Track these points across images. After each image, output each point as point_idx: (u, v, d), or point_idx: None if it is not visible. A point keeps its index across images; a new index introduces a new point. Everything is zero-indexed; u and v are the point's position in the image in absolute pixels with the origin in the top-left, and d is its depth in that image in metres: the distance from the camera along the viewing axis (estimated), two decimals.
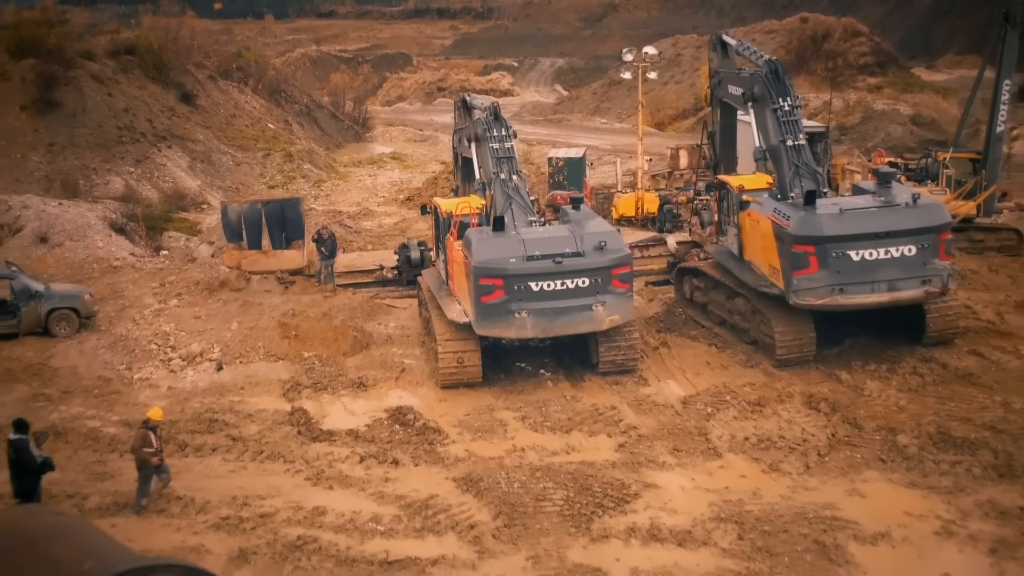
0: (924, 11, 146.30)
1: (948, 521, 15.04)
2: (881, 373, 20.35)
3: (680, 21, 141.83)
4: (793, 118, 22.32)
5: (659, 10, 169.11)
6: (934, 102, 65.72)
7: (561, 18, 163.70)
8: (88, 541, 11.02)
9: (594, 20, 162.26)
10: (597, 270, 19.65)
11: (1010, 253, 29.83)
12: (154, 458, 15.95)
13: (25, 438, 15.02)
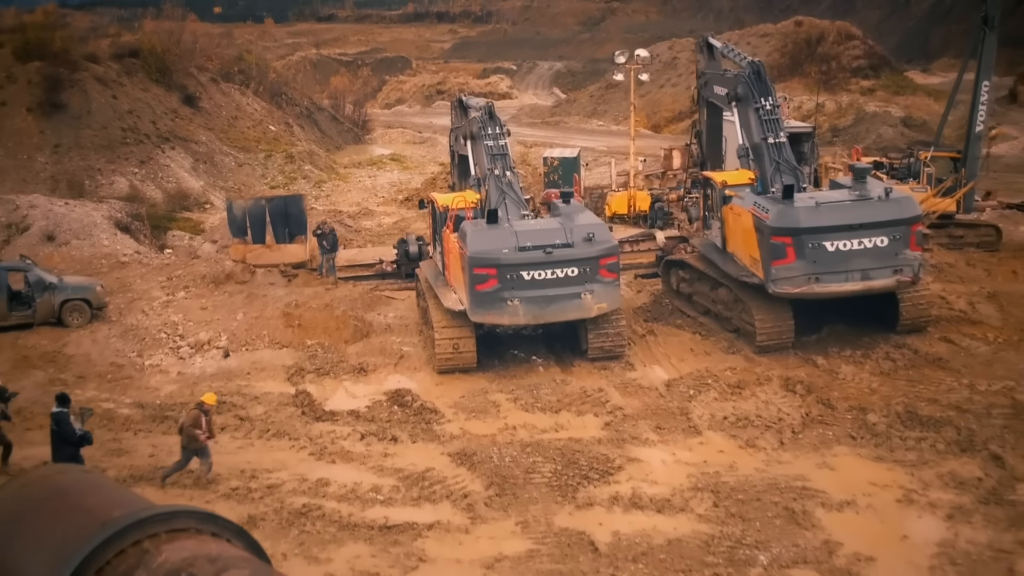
0: (921, 15, 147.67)
1: (910, 490, 16.17)
2: (856, 358, 21.52)
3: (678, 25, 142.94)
4: (774, 117, 23.47)
5: (657, 14, 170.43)
6: (926, 104, 66.92)
7: (559, 22, 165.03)
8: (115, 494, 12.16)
9: (592, 24, 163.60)
10: (585, 260, 20.82)
11: (989, 249, 30.97)
12: (202, 437, 16.98)
13: (66, 411, 16.21)
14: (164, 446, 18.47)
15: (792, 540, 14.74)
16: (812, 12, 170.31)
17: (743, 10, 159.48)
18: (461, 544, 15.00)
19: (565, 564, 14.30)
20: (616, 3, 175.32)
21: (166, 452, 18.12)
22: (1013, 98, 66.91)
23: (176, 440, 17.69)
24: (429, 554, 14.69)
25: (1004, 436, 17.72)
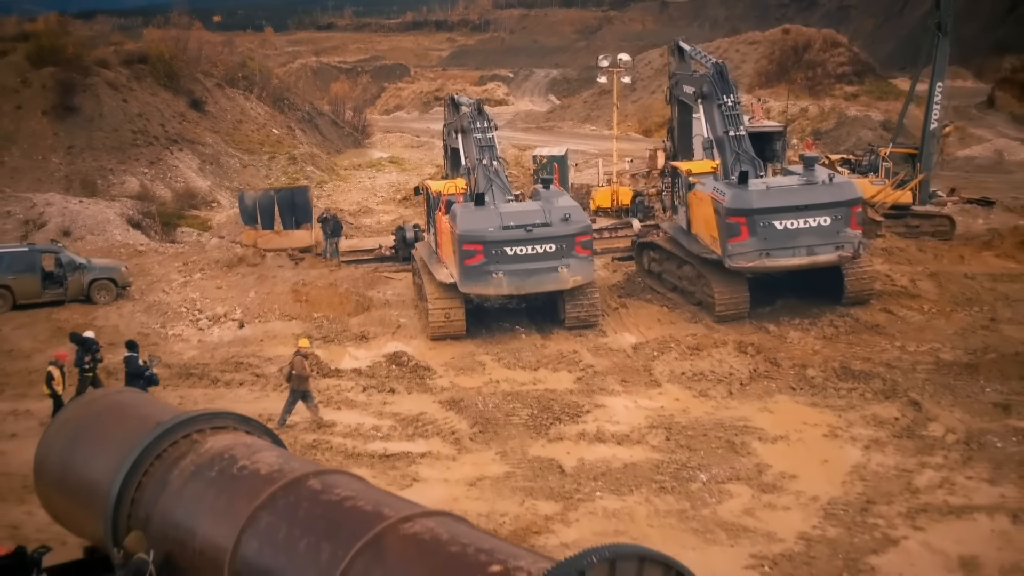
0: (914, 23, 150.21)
1: (836, 428, 19.01)
2: (803, 326, 24.40)
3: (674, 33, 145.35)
4: (735, 112, 26.35)
5: (654, 22, 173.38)
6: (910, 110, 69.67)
7: (557, 30, 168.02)
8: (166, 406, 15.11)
9: (589, 33, 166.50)
10: (562, 237, 23.70)
11: (943, 237, 33.84)
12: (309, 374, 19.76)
13: (135, 355, 19.27)
14: (190, 397, 21.29)
15: (729, 464, 17.56)
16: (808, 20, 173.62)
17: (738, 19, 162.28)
18: (448, 468, 17.81)
19: (536, 482, 17.11)
20: (613, 12, 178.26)
21: (191, 402, 20.90)
22: (991, 103, 69.83)
23: (200, 392, 20.50)
24: (421, 476, 17.51)
25: (924, 386, 20.58)
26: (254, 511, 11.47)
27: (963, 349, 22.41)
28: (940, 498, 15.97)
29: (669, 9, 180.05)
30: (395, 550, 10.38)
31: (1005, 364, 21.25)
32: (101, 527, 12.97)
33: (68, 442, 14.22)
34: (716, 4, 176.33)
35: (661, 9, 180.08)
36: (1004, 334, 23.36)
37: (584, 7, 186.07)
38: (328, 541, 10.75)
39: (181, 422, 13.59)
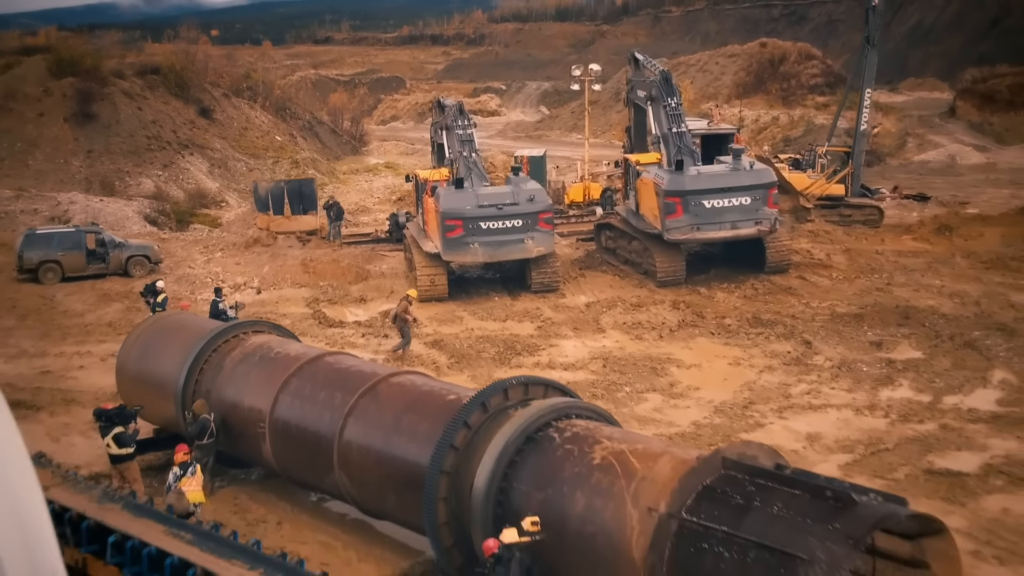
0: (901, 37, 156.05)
1: (739, 359, 24.23)
2: (729, 289, 29.68)
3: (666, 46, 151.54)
4: (677, 113, 31.65)
5: (646, 36, 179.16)
6: (873, 118, 75.06)
7: (550, 44, 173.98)
8: (215, 320, 20.33)
9: (582, 46, 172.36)
10: (527, 215, 28.97)
11: (872, 225, 39.08)
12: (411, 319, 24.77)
13: (218, 300, 24.58)
14: None
15: (649, 382, 22.78)
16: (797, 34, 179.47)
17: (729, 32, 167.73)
18: None
19: None
20: (606, 26, 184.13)
21: None
22: (952, 112, 75.24)
23: None
24: None
25: (817, 331, 25.82)
26: (287, 378, 16.78)
27: (856, 305, 27.68)
28: (805, 401, 21.19)
29: (661, 23, 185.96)
30: (385, 392, 15.66)
31: (886, 314, 26.52)
32: (171, 409, 18.25)
33: (143, 347, 19.51)
34: (707, 18, 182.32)
35: (654, 23, 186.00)
36: (894, 294, 28.61)
37: (578, 21, 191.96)
38: (340, 391, 16.02)
39: (231, 326, 18.93)
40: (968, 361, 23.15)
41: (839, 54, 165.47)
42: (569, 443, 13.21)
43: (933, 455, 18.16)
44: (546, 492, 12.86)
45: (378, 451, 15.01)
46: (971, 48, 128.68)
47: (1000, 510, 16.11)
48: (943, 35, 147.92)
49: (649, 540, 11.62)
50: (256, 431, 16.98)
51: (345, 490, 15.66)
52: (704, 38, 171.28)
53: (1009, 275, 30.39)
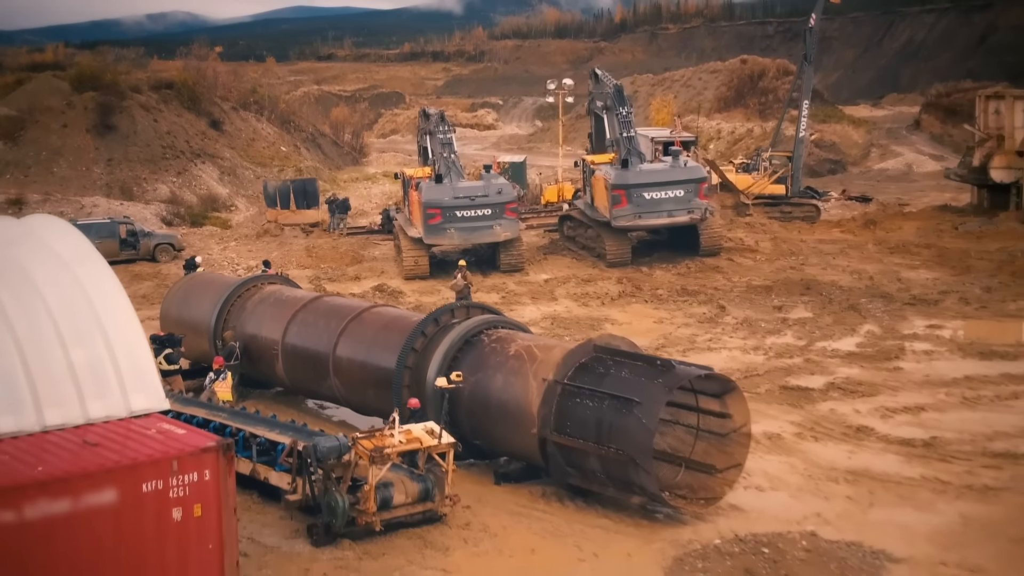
0: (892, 54, 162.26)
1: (663, 319, 30.16)
2: (667, 268, 35.68)
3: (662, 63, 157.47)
4: (628, 120, 37.63)
5: (643, 53, 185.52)
6: (844, 130, 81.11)
7: (549, 61, 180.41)
8: (238, 277, 26.26)
9: (580, 63, 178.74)
10: (496, 205, 35.00)
11: (810, 221, 45.04)
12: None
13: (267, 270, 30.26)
14: None
15: (586, 334, 28.66)
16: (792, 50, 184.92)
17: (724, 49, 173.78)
18: None
19: None
20: (604, 43, 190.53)
21: None
22: (917, 125, 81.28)
23: None
24: None
25: (732, 299, 31.77)
26: (294, 313, 22.77)
27: (770, 279, 33.65)
28: (706, 345, 27.12)
29: (658, 40, 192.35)
30: (368, 318, 21.65)
31: (792, 286, 32.48)
32: (205, 344, 24.17)
33: (183, 297, 25.58)
34: (703, 35, 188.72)
35: (650, 40, 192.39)
36: (804, 272, 34.55)
37: (576, 38, 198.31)
38: (334, 319, 21.99)
39: (250, 278, 24.97)
40: (847, 319, 29.08)
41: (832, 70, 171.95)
42: (494, 343, 19.20)
43: (791, 377, 24.07)
44: (477, 375, 18.79)
45: (362, 360, 20.95)
46: (960, 64, 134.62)
47: (828, 410, 22.00)
48: (933, 51, 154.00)
49: (542, 399, 17.56)
50: (271, 354, 22.94)
51: (338, 392, 21.60)
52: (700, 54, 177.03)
53: (908, 258, 36.37)
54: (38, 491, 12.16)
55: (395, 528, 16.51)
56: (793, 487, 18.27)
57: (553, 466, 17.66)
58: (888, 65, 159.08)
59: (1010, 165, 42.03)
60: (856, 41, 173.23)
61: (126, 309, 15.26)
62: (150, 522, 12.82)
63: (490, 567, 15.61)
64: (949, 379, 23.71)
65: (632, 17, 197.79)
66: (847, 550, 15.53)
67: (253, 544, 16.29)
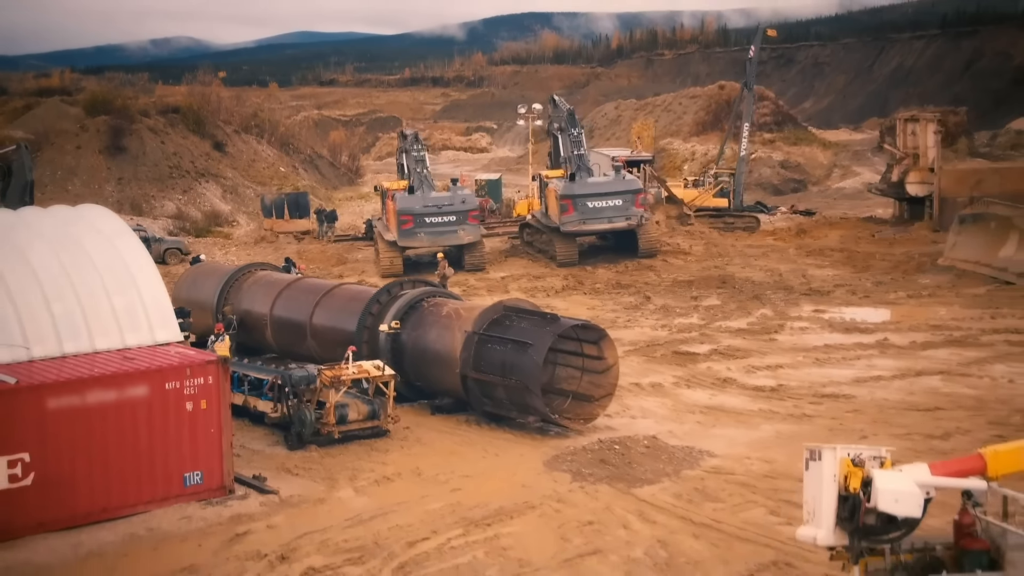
0: (882, 79, 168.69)
1: (595, 306, 36.31)
2: (608, 267, 41.95)
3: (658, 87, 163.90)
4: (579, 140, 43.97)
5: (639, 78, 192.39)
6: (812, 152, 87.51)
7: (545, 85, 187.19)
8: (236, 265, 32.57)
9: (577, 87, 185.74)
10: (460, 212, 41.33)
11: (750, 231, 51.24)
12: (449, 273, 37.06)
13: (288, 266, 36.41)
14: None
15: None
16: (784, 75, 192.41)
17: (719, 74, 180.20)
18: None
19: None
20: (600, 68, 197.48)
21: None
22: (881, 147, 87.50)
23: None
24: None
25: (658, 291, 37.97)
26: (279, 291, 29.03)
27: (694, 276, 39.84)
28: (623, 324, 33.26)
29: (654, 66, 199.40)
30: (338, 293, 27.94)
31: (710, 280, 38.72)
32: (209, 319, 30.33)
33: (191, 281, 31.85)
34: (698, 61, 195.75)
35: (646, 66, 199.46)
36: (726, 270, 40.75)
37: (574, 64, 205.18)
38: (310, 295, 28.25)
39: (245, 266, 31.24)
40: (748, 306, 35.24)
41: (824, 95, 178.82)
42: (431, 307, 25.43)
43: (684, 346, 30.23)
44: (417, 331, 25.00)
45: (332, 325, 27.11)
46: (947, 89, 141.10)
47: (705, 368, 28.11)
48: (921, 76, 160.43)
49: (463, 346, 23.73)
50: (262, 324, 29.13)
51: (314, 351, 27.75)
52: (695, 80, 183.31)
53: (820, 259, 42.61)
54: (95, 383, 18.38)
55: (350, 439, 22.61)
56: (659, 416, 24.37)
57: (472, 397, 23.80)
58: (877, 91, 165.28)
59: (924, 180, 48.25)
60: (847, 67, 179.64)
61: (151, 270, 21.60)
62: (171, 411, 18.98)
63: (418, 461, 21.69)
64: (811, 347, 29.82)
65: (628, 43, 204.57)
66: (680, 449, 21.62)
67: (244, 449, 22.36)
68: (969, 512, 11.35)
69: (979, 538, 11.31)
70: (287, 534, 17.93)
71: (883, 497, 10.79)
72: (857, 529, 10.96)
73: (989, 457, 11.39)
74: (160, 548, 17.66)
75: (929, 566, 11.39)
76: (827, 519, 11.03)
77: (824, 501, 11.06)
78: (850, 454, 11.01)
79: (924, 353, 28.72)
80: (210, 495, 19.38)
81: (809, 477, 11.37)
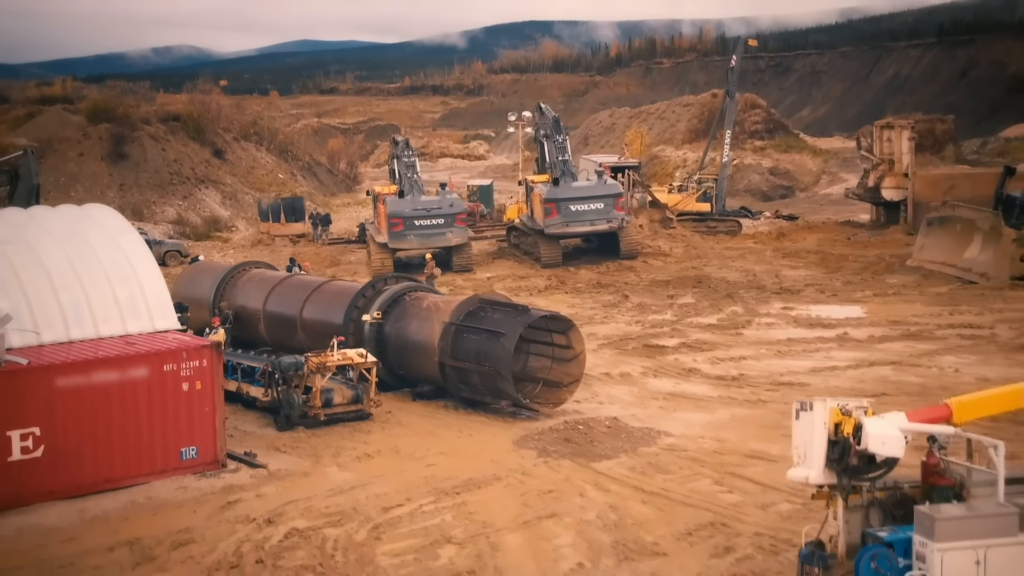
0: (879, 87, 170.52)
1: (576, 303, 38.20)
2: (591, 268, 43.88)
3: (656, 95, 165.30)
4: (563, 146, 45.93)
5: (638, 87, 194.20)
6: (801, 159, 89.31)
7: (545, 94, 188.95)
8: (231, 263, 34.53)
9: (576, 96, 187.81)
10: (448, 215, 43.29)
11: (732, 234, 53.14)
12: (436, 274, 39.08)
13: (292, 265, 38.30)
14: None
15: None
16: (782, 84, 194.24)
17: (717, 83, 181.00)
18: None
19: None
20: (599, 77, 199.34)
21: None
22: None
23: None
24: None
25: (636, 290, 39.88)
26: (272, 287, 30.98)
27: (672, 276, 41.75)
28: (600, 320, 35.18)
29: (653, 74, 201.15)
30: (326, 288, 29.91)
31: (687, 280, 40.64)
32: (206, 315, 32.27)
33: (189, 279, 33.80)
34: (697, 70, 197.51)
35: (645, 74, 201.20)
36: (703, 271, 42.67)
37: (574, 72, 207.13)
38: (301, 290, 30.21)
39: (240, 264, 33.22)
40: (721, 303, 37.15)
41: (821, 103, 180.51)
42: (413, 301, 27.37)
43: (655, 340, 32.13)
44: (399, 323, 26.94)
45: (321, 319, 29.03)
46: (942, 97, 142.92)
47: (673, 359, 30.01)
48: (917, 85, 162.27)
49: (442, 336, 25.65)
50: (256, 318, 31.06)
51: (304, 344, 29.60)
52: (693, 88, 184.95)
53: (794, 261, 44.56)
54: (99, 365, 20.34)
55: (335, 421, 24.55)
56: (625, 402, 26.26)
57: (450, 383, 25.72)
58: (875, 99, 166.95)
59: (899, 185, 50.19)
60: (844, 76, 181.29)
61: (151, 264, 23.59)
62: (168, 391, 20.92)
63: (397, 441, 23.61)
64: (774, 340, 31.74)
65: (627, 52, 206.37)
66: (639, 430, 23.54)
67: (237, 430, 24.26)
68: (935, 454, 13.51)
69: (946, 476, 13.46)
70: (274, 502, 19.86)
71: (872, 440, 12.85)
72: (846, 469, 12.97)
73: (955, 407, 13.58)
74: (158, 513, 19.58)
75: (899, 502, 13.53)
76: (817, 461, 13.10)
77: (815, 446, 13.13)
78: (838, 404, 13.08)
79: (880, 346, 30.61)
80: (204, 468, 21.33)
81: (799, 426, 13.44)
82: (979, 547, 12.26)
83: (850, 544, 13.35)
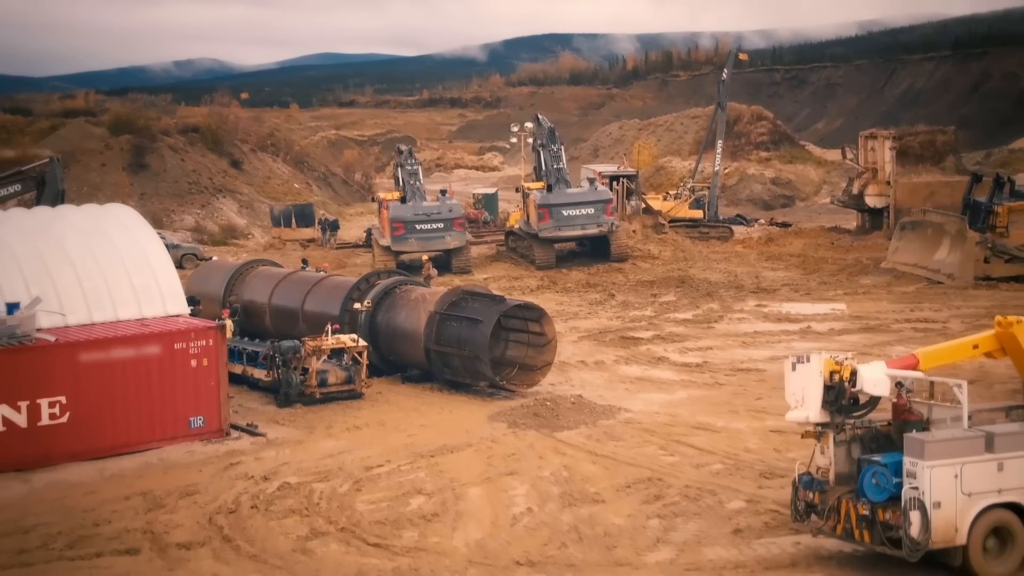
0: (893, 100, 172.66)
1: (564, 301, 40.98)
2: (582, 270, 46.71)
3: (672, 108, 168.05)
4: (558, 155, 48.84)
5: (654, 99, 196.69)
6: (804, 170, 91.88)
7: (561, 107, 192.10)
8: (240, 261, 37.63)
9: (592, 109, 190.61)
10: (447, 220, 46.27)
11: (724, 240, 55.87)
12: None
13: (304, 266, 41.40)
14: None
15: None
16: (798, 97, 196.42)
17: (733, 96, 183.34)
18: None
19: None
20: (616, 90, 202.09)
21: None
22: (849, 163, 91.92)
23: None
24: None
25: (622, 290, 42.62)
26: (277, 283, 34.03)
27: (657, 277, 44.51)
28: (584, 315, 38.00)
29: (669, 87, 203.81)
30: (325, 283, 32.91)
31: (671, 281, 43.42)
32: (217, 309, 35.26)
33: (202, 276, 36.85)
34: (712, 82, 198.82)
35: (661, 87, 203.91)
36: (688, 272, 45.40)
37: (591, 85, 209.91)
38: (303, 285, 33.20)
39: (248, 261, 36.27)
40: (699, 301, 39.92)
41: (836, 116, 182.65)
42: (403, 293, 30.32)
43: (631, 332, 34.94)
44: (390, 313, 29.87)
45: (321, 310, 31.95)
46: (955, 110, 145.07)
47: (645, 349, 32.80)
48: (931, 98, 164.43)
49: (427, 324, 28.56)
50: (262, 311, 34.04)
51: (305, 334, 32.59)
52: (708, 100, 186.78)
53: (776, 263, 47.30)
54: (117, 342, 23.35)
55: (330, 399, 27.48)
56: (595, 385, 29.06)
57: (434, 367, 28.61)
58: (889, 112, 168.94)
59: (882, 193, 52.85)
60: (859, 88, 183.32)
61: (164, 256, 26.65)
62: (178, 367, 23.91)
63: (383, 416, 26.51)
64: (742, 333, 34.50)
65: (644, 64, 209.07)
66: (601, 406, 26.33)
67: (241, 408, 27.22)
68: (903, 396, 16.46)
69: (913, 413, 16.54)
70: (271, 464, 22.80)
71: (867, 383, 15.84)
72: (841, 408, 15.89)
73: (921, 356, 16.53)
74: (169, 472, 22.55)
75: (874, 437, 16.38)
76: (815, 403, 15.98)
77: (812, 391, 16.01)
78: (832, 356, 16.12)
79: (839, 338, 33.30)
80: (210, 436, 24.30)
81: (796, 376, 16.34)
82: (956, 464, 15.19)
83: (838, 473, 16.25)
